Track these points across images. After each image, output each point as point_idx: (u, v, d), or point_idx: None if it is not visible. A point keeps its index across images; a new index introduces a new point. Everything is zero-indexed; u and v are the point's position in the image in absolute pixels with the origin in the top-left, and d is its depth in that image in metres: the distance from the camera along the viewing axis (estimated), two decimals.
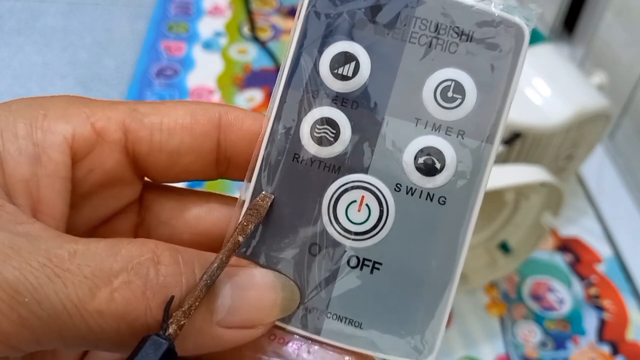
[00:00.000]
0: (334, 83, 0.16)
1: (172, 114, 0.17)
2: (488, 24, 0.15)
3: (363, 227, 0.16)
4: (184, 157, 0.17)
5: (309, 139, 0.16)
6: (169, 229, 0.18)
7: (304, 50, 0.16)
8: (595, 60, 0.72)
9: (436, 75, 0.16)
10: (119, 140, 0.16)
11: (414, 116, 0.16)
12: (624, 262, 0.60)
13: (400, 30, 0.16)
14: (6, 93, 0.74)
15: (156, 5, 0.89)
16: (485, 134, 0.16)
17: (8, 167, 0.15)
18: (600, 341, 0.53)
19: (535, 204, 0.50)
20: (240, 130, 0.17)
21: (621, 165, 0.68)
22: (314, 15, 0.16)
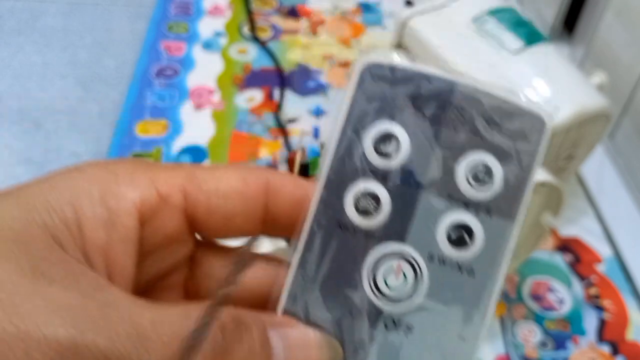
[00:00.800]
0: (377, 160, 0.18)
1: (225, 179, 0.19)
2: (515, 114, 0.17)
3: (399, 293, 0.18)
4: (235, 219, 0.19)
5: (353, 210, 0.18)
6: (217, 285, 0.19)
7: (350, 128, 0.18)
8: (595, 60, 0.72)
9: (468, 158, 0.18)
10: (180, 204, 0.18)
11: (447, 193, 0.18)
12: (624, 262, 0.59)
13: (437, 115, 0.17)
14: (6, 93, 0.74)
15: (156, 5, 0.89)
16: (509, 212, 0.17)
17: (87, 232, 0.17)
18: (600, 341, 0.53)
19: (535, 204, 0.50)
20: (285, 195, 0.19)
21: (621, 165, 0.68)
22: (361, 96, 0.18)
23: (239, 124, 0.71)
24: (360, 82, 0.18)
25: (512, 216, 0.17)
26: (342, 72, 0.79)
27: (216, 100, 0.74)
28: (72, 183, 0.17)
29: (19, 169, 0.65)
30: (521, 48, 0.56)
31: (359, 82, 0.18)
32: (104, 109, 0.73)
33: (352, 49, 0.84)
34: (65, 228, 0.16)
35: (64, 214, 0.16)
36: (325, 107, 0.74)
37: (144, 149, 0.67)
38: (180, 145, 0.68)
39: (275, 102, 0.74)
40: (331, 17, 0.89)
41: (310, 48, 0.83)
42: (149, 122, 0.71)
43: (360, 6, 0.92)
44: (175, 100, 0.74)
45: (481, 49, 0.57)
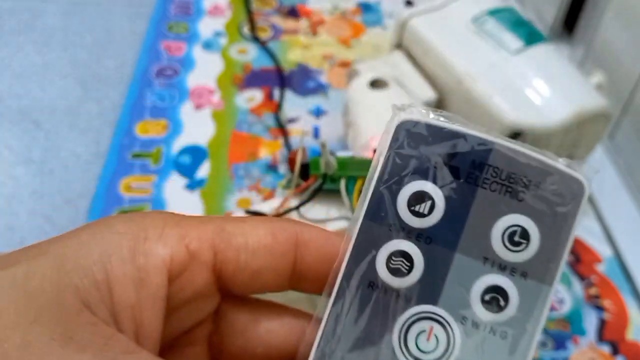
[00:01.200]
0: (411, 219, 0.17)
1: (254, 234, 0.18)
2: (553, 177, 0.17)
3: (430, 356, 0.17)
4: (264, 275, 0.19)
5: (385, 269, 0.17)
6: (242, 341, 0.20)
7: (384, 186, 0.18)
8: (595, 60, 0.72)
9: (504, 220, 0.17)
10: (209, 261, 0.18)
11: (482, 255, 0.17)
12: (624, 262, 0.59)
13: (473, 175, 0.17)
14: (6, 93, 0.74)
15: (156, 5, 0.89)
16: (545, 276, 0.17)
17: (116, 293, 0.16)
18: (600, 341, 0.53)
19: None
20: (314, 251, 0.19)
21: (621, 165, 0.68)
22: (395, 155, 0.18)
23: (239, 124, 0.71)
24: (394, 139, 0.18)
25: (549, 280, 0.17)
26: (342, 72, 0.79)
27: (216, 100, 0.74)
28: (102, 241, 0.17)
29: (19, 169, 0.65)
30: (521, 48, 0.56)
31: (394, 139, 0.18)
32: (104, 109, 0.73)
33: (352, 49, 0.84)
34: (95, 289, 0.16)
35: (93, 275, 0.16)
36: (325, 107, 0.74)
37: (144, 149, 0.67)
38: (180, 145, 0.68)
39: (275, 102, 0.74)
40: (331, 17, 0.89)
41: (310, 48, 0.83)
42: (149, 122, 0.71)
43: (360, 6, 0.92)
44: (175, 100, 0.74)
45: (481, 49, 0.57)
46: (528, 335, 0.17)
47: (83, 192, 0.63)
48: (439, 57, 0.58)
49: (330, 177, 0.40)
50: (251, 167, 0.66)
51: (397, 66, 0.62)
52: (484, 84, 0.54)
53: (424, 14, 0.62)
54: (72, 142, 0.68)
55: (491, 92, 0.54)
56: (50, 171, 0.65)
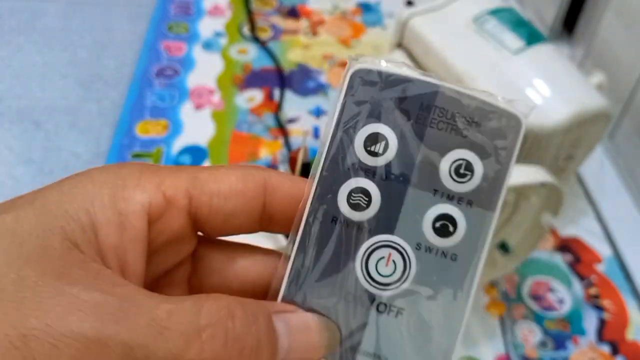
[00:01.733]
0: (367, 158, 0.19)
1: (226, 180, 0.20)
2: (493, 114, 0.19)
3: (390, 279, 0.19)
4: (236, 218, 0.20)
5: (346, 205, 0.19)
6: (220, 279, 0.21)
7: (342, 129, 0.19)
8: (595, 60, 0.72)
9: (451, 155, 0.19)
10: (184, 206, 0.19)
11: (432, 188, 0.19)
12: (623, 262, 0.60)
13: (422, 116, 0.19)
14: (6, 93, 0.74)
15: (156, 5, 0.89)
16: (489, 203, 0.19)
17: (101, 235, 0.18)
18: (600, 341, 0.53)
19: (534, 204, 0.50)
20: (282, 194, 0.20)
21: (621, 165, 0.68)
22: (351, 99, 0.19)
23: (239, 124, 0.71)
24: (349, 87, 0.19)
25: (492, 207, 0.19)
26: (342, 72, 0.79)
27: (216, 100, 0.74)
28: (84, 189, 0.18)
29: (19, 169, 0.65)
30: (521, 48, 0.56)
31: (349, 87, 0.19)
32: (104, 109, 0.73)
33: (352, 49, 0.84)
34: (81, 232, 0.18)
35: (79, 219, 0.18)
36: (325, 107, 0.74)
37: (144, 149, 0.67)
38: (180, 145, 0.68)
39: (275, 102, 0.74)
40: (331, 17, 0.89)
41: (310, 48, 0.83)
42: (149, 122, 0.71)
43: (360, 6, 0.92)
44: (175, 100, 0.74)
45: (481, 49, 0.57)
46: (476, 256, 0.19)
47: None
48: (439, 56, 0.58)
49: None
50: None
51: None
52: (484, 83, 0.54)
53: (425, 13, 0.62)
54: (72, 142, 0.68)
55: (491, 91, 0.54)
56: (50, 171, 0.65)
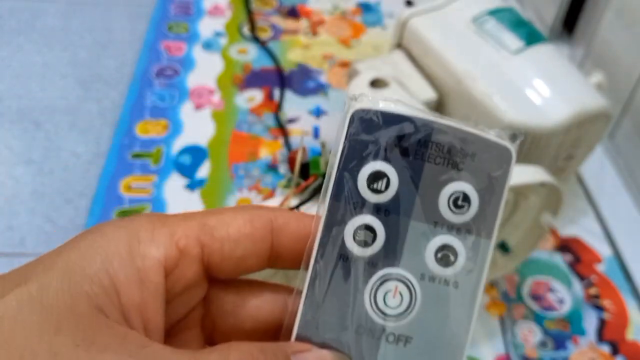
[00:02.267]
0: (370, 195, 0.20)
1: (234, 224, 0.21)
2: (485, 146, 0.20)
3: (397, 310, 0.20)
4: (246, 260, 0.21)
5: (352, 241, 0.20)
6: (233, 319, 0.22)
7: (346, 170, 0.20)
8: (595, 60, 0.72)
9: (448, 188, 0.20)
10: (197, 255, 0.20)
11: (433, 220, 0.20)
12: (623, 262, 0.59)
13: (420, 152, 0.20)
14: (6, 93, 0.74)
15: (156, 5, 0.89)
16: (485, 231, 0.20)
17: (123, 295, 0.18)
18: (600, 341, 0.53)
19: (534, 204, 0.50)
20: (288, 233, 0.21)
21: (621, 165, 0.68)
22: (352, 141, 0.20)
23: (239, 124, 0.71)
24: (350, 127, 0.20)
25: (489, 235, 0.20)
26: (342, 72, 0.79)
27: (216, 100, 0.74)
28: (100, 249, 0.19)
29: (19, 169, 0.65)
30: (521, 48, 0.56)
31: (349, 127, 0.20)
32: (104, 109, 0.73)
33: (352, 49, 0.84)
34: (104, 295, 0.18)
35: (100, 281, 0.18)
36: (325, 107, 0.74)
37: (144, 149, 0.67)
38: (180, 145, 0.68)
39: (275, 102, 0.74)
40: (331, 17, 0.89)
41: (310, 48, 0.83)
42: (149, 122, 0.71)
43: (360, 6, 0.92)
44: (175, 100, 0.74)
45: (481, 49, 0.57)
46: (475, 282, 0.20)
47: (83, 192, 0.63)
48: (439, 56, 0.58)
49: None
50: (251, 167, 0.66)
51: (397, 66, 0.62)
52: (484, 83, 0.54)
53: (424, 14, 0.62)
54: (72, 142, 0.68)
55: (491, 91, 0.54)
56: (50, 171, 0.65)
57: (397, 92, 0.58)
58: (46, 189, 0.63)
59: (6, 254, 0.57)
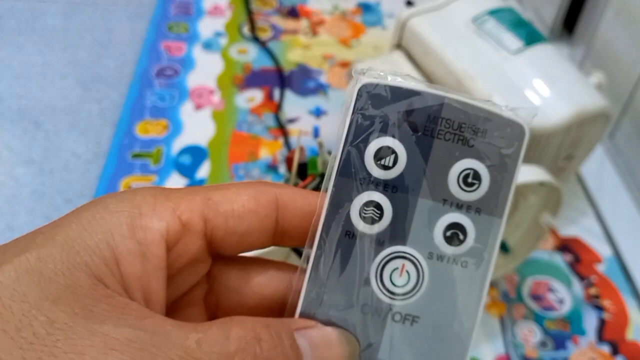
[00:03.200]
0: (378, 172, 0.20)
1: (239, 200, 0.20)
2: (497, 122, 0.20)
3: (404, 289, 0.20)
4: (250, 236, 0.20)
5: (358, 218, 0.20)
6: (237, 296, 0.22)
7: (352, 145, 0.20)
8: (595, 60, 0.72)
9: (458, 165, 0.20)
10: (200, 229, 0.20)
11: (441, 197, 0.20)
12: (624, 262, 0.59)
13: (429, 128, 0.19)
14: (6, 93, 0.74)
15: (156, 5, 0.89)
16: (496, 210, 0.20)
17: (123, 267, 0.18)
18: (600, 341, 0.53)
19: (533, 204, 0.50)
20: (294, 209, 0.21)
21: (621, 165, 0.68)
22: (360, 116, 0.20)
23: (239, 124, 0.71)
24: (357, 101, 0.20)
25: (499, 213, 0.20)
26: (342, 72, 0.79)
27: (216, 100, 0.74)
28: (103, 221, 0.18)
29: (19, 169, 0.65)
30: (521, 48, 0.56)
31: (357, 101, 0.20)
32: (104, 109, 0.73)
33: (352, 49, 0.84)
34: (105, 266, 0.18)
35: (101, 252, 0.18)
36: (325, 107, 0.74)
37: (144, 149, 0.67)
38: (181, 145, 0.68)
39: (275, 102, 0.74)
40: (331, 17, 0.89)
41: (310, 48, 0.83)
42: (149, 122, 0.71)
43: (360, 6, 0.92)
44: (175, 100, 0.74)
45: (481, 49, 0.57)
46: (485, 262, 0.20)
47: (83, 192, 0.63)
48: (438, 57, 0.58)
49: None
50: (251, 167, 0.66)
51: (397, 66, 0.62)
52: (484, 83, 0.54)
53: (424, 14, 0.62)
54: (72, 142, 0.68)
55: (491, 92, 0.54)
56: (50, 171, 0.65)
57: None
58: (46, 189, 0.63)
59: None
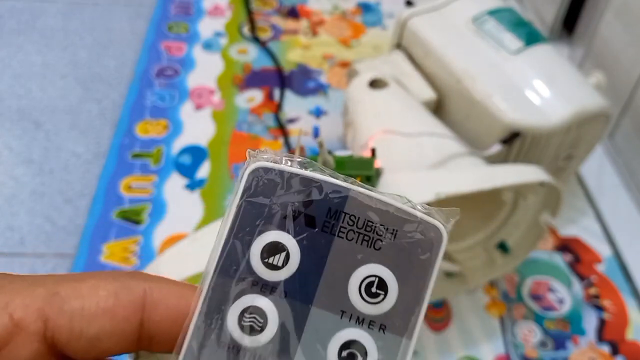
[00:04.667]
0: (265, 272, 0.16)
1: (93, 296, 0.17)
2: (411, 224, 0.16)
3: None
4: (104, 342, 0.17)
5: (236, 327, 0.16)
6: None
7: (236, 238, 0.17)
8: (595, 60, 0.72)
9: (361, 270, 0.16)
10: (37, 330, 0.16)
11: (339, 309, 0.16)
12: (623, 262, 0.59)
13: (329, 224, 0.16)
14: (6, 93, 0.74)
15: (156, 5, 0.89)
16: (405, 329, 0.16)
17: None
18: (600, 341, 0.53)
19: (533, 204, 0.50)
20: (164, 310, 0.17)
21: (621, 165, 0.68)
22: (248, 204, 0.17)
23: (239, 124, 0.71)
24: (247, 187, 0.17)
25: (409, 333, 0.16)
26: (342, 72, 0.79)
27: (216, 100, 0.74)
28: None
29: (19, 169, 0.65)
30: (521, 48, 0.56)
31: (246, 187, 0.17)
32: (104, 109, 0.73)
33: (352, 49, 0.84)
34: None
35: None
36: (325, 107, 0.74)
37: (144, 149, 0.67)
38: (181, 145, 0.68)
39: (275, 102, 0.74)
40: (331, 17, 0.89)
41: (310, 48, 0.83)
42: (149, 122, 0.71)
43: (360, 6, 0.92)
44: (175, 100, 0.74)
45: (481, 49, 0.57)
46: None
47: (83, 192, 0.63)
48: (438, 56, 0.58)
49: None
50: None
51: (397, 65, 0.62)
52: (484, 83, 0.54)
53: (424, 14, 0.62)
54: (72, 142, 0.68)
55: (491, 91, 0.54)
56: (50, 171, 0.65)
57: (397, 92, 0.58)
58: (46, 189, 0.63)
59: (6, 253, 0.57)
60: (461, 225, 0.54)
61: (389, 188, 0.41)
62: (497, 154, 0.51)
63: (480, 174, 0.45)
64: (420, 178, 0.44)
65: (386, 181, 0.42)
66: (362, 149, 0.52)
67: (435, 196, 0.41)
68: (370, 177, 0.40)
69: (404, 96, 0.57)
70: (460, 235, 0.54)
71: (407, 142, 0.50)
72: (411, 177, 0.44)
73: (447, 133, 0.52)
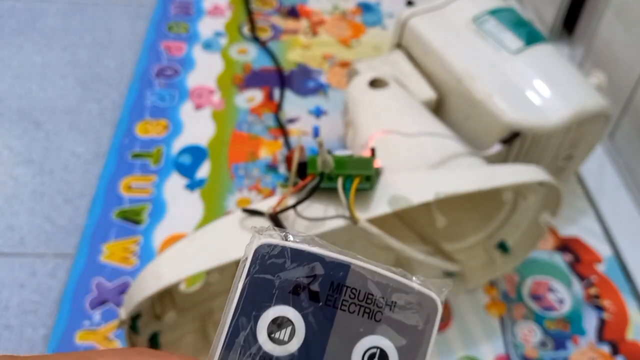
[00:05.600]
0: (271, 346, 0.17)
1: None
2: (408, 296, 0.17)
3: None
4: None
5: None
6: None
7: (243, 313, 0.17)
8: (595, 60, 0.72)
9: (363, 342, 0.17)
10: None
11: None
12: (624, 262, 0.59)
13: (332, 298, 0.17)
14: (6, 93, 0.74)
15: (156, 5, 0.89)
16: None
17: None
18: (600, 341, 0.53)
19: (533, 204, 0.50)
20: None
21: (621, 165, 0.68)
22: (254, 281, 0.17)
23: (239, 124, 0.71)
24: (253, 264, 0.17)
25: None
26: (342, 72, 0.79)
27: (216, 100, 0.74)
28: None
29: (19, 169, 0.65)
30: (521, 48, 0.56)
31: (252, 264, 0.17)
32: (104, 109, 0.73)
33: (352, 49, 0.84)
34: None
35: None
36: (325, 107, 0.74)
37: (144, 149, 0.67)
38: (181, 145, 0.68)
39: (275, 102, 0.74)
40: (331, 17, 0.89)
41: (310, 48, 0.83)
42: (149, 122, 0.71)
43: (360, 6, 0.92)
44: (175, 100, 0.74)
45: (481, 49, 0.57)
46: None
47: (83, 192, 0.63)
48: (438, 56, 0.58)
49: (327, 175, 0.40)
50: (251, 167, 0.66)
51: (397, 65, 0.62)
52: (484, 83, 0.54)
53: (424, 13, 0.62)
54: (72, 142, 0.68)
55: (491, 91, 0.54)
56: (50, 171, 0.65)
57: (397, 92, 0.58)
58: (46, 189, 0.63)
59: (6, 254, 0.57)
60: (461, 225, 0.54)
61: (389, 188, 0.41)
62: (497, 154, 0.51)
63: (480, 174, 0.45)
64: (420, 178, 0.44)
65: (386, 181, 0.42)
66: (362, 149, 0.52)
67: (435, 196, 0.41)
68: (370, 177, 0.39)
69: (404, 96, 0.57)
70: (460, 235, 0.54)
71: (407, 142, 0.50)
72: (411, 177, 0.44)
73: (447, 133, 0.52)
